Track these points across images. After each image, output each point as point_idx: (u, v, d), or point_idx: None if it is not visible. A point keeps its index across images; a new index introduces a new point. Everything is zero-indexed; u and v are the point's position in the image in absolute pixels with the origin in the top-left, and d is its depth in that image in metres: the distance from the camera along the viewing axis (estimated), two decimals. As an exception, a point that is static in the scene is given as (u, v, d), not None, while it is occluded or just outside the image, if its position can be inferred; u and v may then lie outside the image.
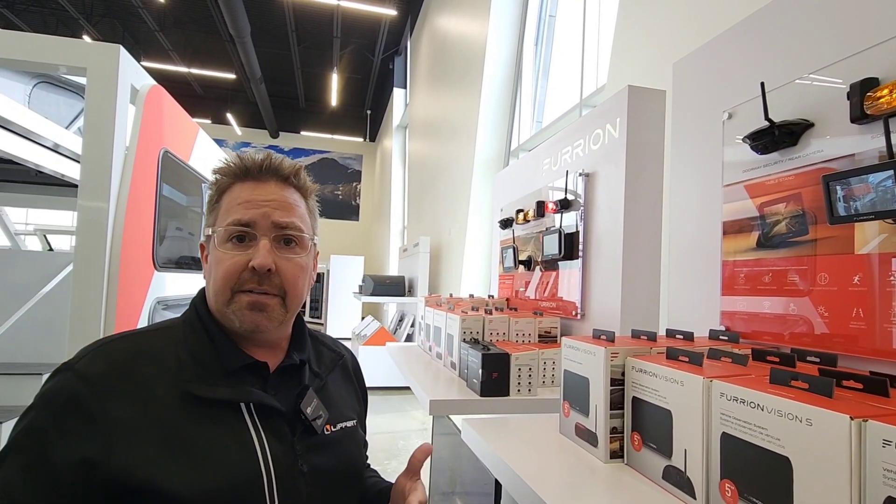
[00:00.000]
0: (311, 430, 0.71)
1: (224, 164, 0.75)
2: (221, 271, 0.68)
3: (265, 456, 0.64)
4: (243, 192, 0.72)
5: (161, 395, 0.61)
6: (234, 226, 0.69)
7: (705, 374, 0.69)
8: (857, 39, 0.82)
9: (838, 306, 0.82)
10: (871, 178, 0.69)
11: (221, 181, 0.74)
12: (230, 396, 0.65)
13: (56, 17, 10.31)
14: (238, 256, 0.69)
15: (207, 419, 0.62)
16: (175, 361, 0.65)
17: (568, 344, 1.00)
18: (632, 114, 1.44)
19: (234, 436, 0.63)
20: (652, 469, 0.79)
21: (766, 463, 0.57)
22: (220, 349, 0.68)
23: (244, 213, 0.70)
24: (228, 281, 0.68)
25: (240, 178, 0.74)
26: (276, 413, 0.68)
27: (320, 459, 0.71)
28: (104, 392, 0.59)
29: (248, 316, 0.68)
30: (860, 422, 0.48)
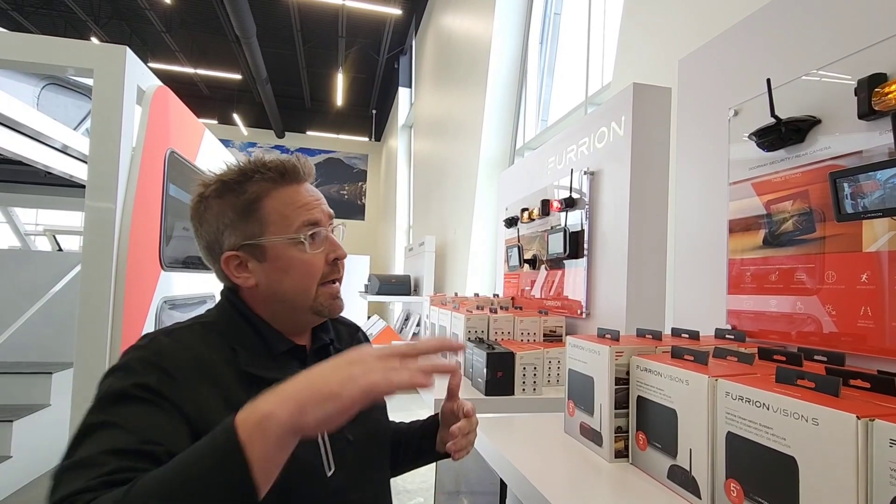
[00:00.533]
0: None
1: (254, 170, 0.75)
2: (306, 271, 0.75)
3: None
4: (297, 196, 0.76)
5: (224, 373, 0.67)
6: (312, 226, 0.75)
7: (711, 373, 0.69)
8: (865, 34, 0.81)
9: (846, 305, 0.81)
10: (880, 175, 0.68)
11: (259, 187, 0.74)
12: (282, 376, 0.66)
13: (65, 20, 10.40)
14: (319, 255, 0.76)
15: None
16: (229, 350, 0.70)
17: (573, 343, 1.00)
18: (637, 111, 1.43)
19: None
20: (657, 469, 0.78)
21: (772, 462, 0.57)
22: (265, 338, 0.74)
23: (312, 214, 0.76)
24: (315, 278, 0.75)
25: (280, 183, 0.76)
26: None
27: (359, 429, 0.77)
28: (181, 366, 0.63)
29: (333, 304, 0.78)
30: (867, 421, 0.48)
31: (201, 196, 0.76)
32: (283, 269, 0.74)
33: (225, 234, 0.74)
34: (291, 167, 0.76)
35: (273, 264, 0.74)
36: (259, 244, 0.74)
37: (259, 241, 0.73)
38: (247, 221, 0.74)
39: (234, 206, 0.74)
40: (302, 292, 0.75)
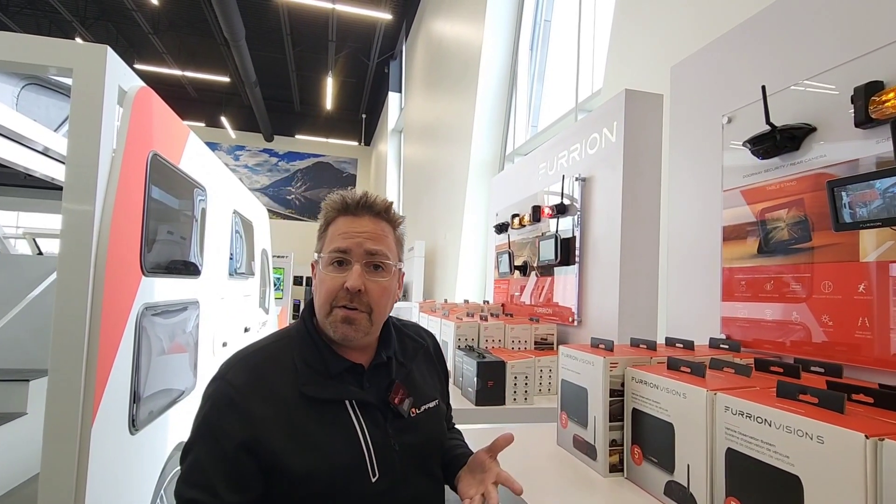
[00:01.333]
0: (399, 415, 0.85)
1: (330, 200, 0.89)
2: (324, 290, 0.83)
3: (365, 440, 0.80)
4: (343, 225, 0.85)
5: (287, 395, 0.78)
6: (334, 252, 0.84)
7: (709, 386, 0.67)
8: (861, 42, 0.81)
9: (843, 315, 0.80)
10: (878, 184, 0.67)
11: (329, 213, 0.87)
12: (336, 396, 0.81)
13: (49, 20, 10.24)
14: (337, 279, 0.83)
15: (321, 414, 0.78)
16: (293, 367, 0.81)
17: (565, 353, 0.97)
18: (629, 118, 1.42)
19: (342, 426, 0.79)
20: (653, 484, 0.76)
21: (775, 481, 0.55)
22: (324, 356, 0.83)
23: (342, 243, 0.84)
24: (329, 298, 0.82)
25: (342, 213, 0.87)
26: (371, 405, 0.83)
27: (408, 438, 0.85)
28: (248, 395, 0.76)
29: (340, 327, 0.82)
30: (876, 441, 0.46)
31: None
32: (317, 284, 0.87)
33: (317, 246, 0.90)
34: (352, 200, 0.87)
35: (317, 279, 0.87)
36: (317, 258, 0.88)
37: (317, 255, 0.88)
38: (320, 237, 0.89)
39: (320, 227, 0.90)
40: (321, 307, 0.84)
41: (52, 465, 1.33)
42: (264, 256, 4.57)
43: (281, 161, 15.58)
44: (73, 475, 1.34)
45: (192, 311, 2.27)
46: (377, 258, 0.86)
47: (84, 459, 1.35)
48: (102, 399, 1.42)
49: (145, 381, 1.73)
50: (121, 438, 1.55)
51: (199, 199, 2.32)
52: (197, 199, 2.31)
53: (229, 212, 3.06)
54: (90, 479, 1.36)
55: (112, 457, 1.50)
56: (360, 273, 0.84)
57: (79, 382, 1.35)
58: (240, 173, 14.92)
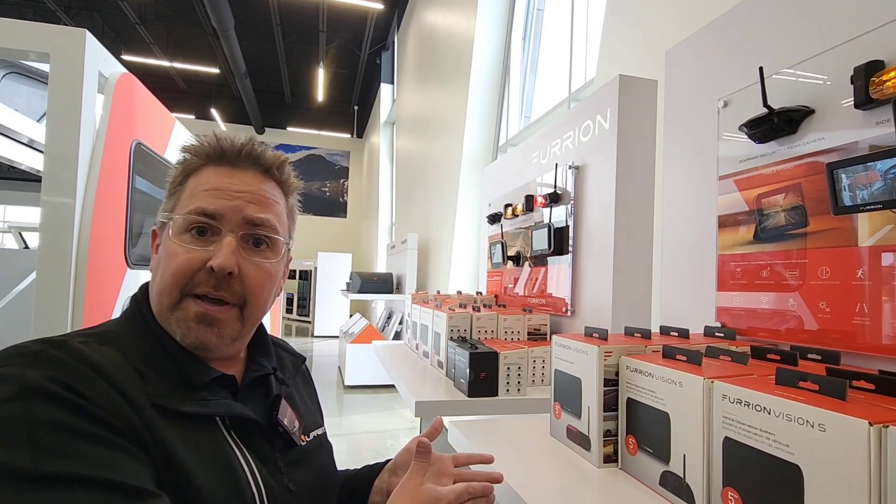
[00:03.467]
0: (289, 443, 0.64)
1: (196, 143, 0.64)
2: (172, 267, 0.57)
3: (254, 477, 0.55)
4: (215, 178, 0.61)
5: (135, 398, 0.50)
6: (196, 215, 0.58)
7: (705, 375, 0.65)
8: (860, 21, 0.78)
9: (841, 301, 0.79)
10: (880, 166, 0.65)
11: (190, 161, 0.62)
12: (208, 409, 0.55)
13: (33, 9, 10.03)
14: (195, 252, 0.58)
15: (185, 436, 0.52)
16: (132, 372, 0.52)
17: (559, 342, 0.95)
18: (623, 104, 1.40)
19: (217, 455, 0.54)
20: (648, 475, 0.74)
21: (774, 471, 0.53)
22: (180, 361, 0.57)
23: (211, 202, 0.59)
24: (179, 280, 0.57)
25: (213, 161, 0.62)
26: (254, 427, 0.59)
27: (303, 474, 0.64)
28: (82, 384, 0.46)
29: (195, 329, 0.57)
30: (880, 428, 0.44)
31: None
32: (161, 258, 0.59)
33: (161, 208, 0.64)
34: (229, 146, 0.63)
35: (162, 251, 0.60)
36: (164, 223, 0.61)
37: (162, 218, 0.61)
38: (171, 195, 0.63)
39: (173, 178, 0.64)
40: (165, 294, 0.58)
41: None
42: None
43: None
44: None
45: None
46: (261, 230, 0.62)
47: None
48: (87, 394, 1.38)
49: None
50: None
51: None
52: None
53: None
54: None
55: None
56: (234, 248, 0.58)
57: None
58: (231, 166, 14.75)
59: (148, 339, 0.57)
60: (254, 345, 0.70)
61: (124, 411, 0.47)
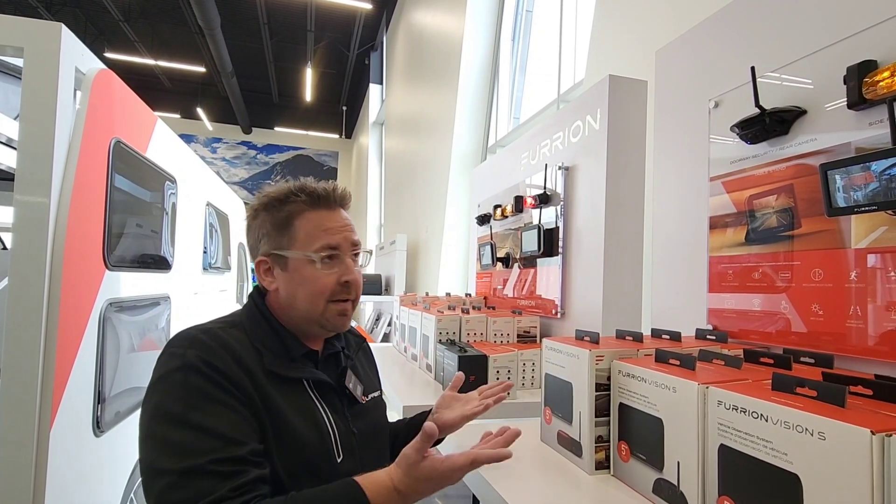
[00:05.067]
0: (354, 401, 0.88)
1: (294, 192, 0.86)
2: (318, 287, 0.83)
3: (329, 421, 0.81)
4: (324, 220, 0.86)
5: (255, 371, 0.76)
6: (329, 249, 0.84)
7: (699, 380, 0.64)
8: (853, 20, 0.78)
9: (834, 304, 0.78)
10: (875, 166, 0.64)
11: (294, 207, 0.85)
12: (299, 374, 0.82)
13: (13, 5, 9.81)
14: (332, 275, 0.84)
15: (286, 394, 0.78)
16: (255, 350, 0.79)
17: (549, 346, 0.94)
18: (613, 104, 1.39)
19: (306, 407, 0.80)
20: (641, 482, 0.73)
21: (772, 480, 0.52)
22: (285, 341, 0.84)
23: (333, 239, 0.85)
24: (324, 295, 0.84)
25: (314, 206, 0.86)
26: (329, 388, 0.85)
27: (363, 423, 0.88)
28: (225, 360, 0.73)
29: (338, 321, 0.86)
30: (882, 436, 0.43)
31: (253, 208, 0.89)
32: (299, 281, 0.84)
33: (262, 242, 0.86)
34: (324, 193, 0.87)
35: (292, 276, 0.84)
36: (283, 255, 0.84)
37: (283, 252, 0.84)
38: (279, 234, 0.85)
39: (273, 220, 0.85)
40: (312, 305, 0.84)
41: (7, 470, 1.25)
42: (241, 250, 4.46)
43: (260, 154, 15.29)
44: (30, 480, 1.26)
45: (164, 306, 2.18)
46: (358, 249, 0.90)
47: (42, 463, 1.27)
48: (62, 399, 1.33)
49: (112, 380, 1.65)
50: (84, 441, 1.47)
51: (168, 190, 2.22)
52: (166, 191, 2.22)
53: (202, 204, 2.96)
54: (49, 483, 1.28)
55: (74, 460, 1.42)
56: (353, 266, 0.87)
57: (35, 382, 1.26)
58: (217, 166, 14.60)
59: (264, 327, 0.84)
60: None
61: (243, 382, 0.73)
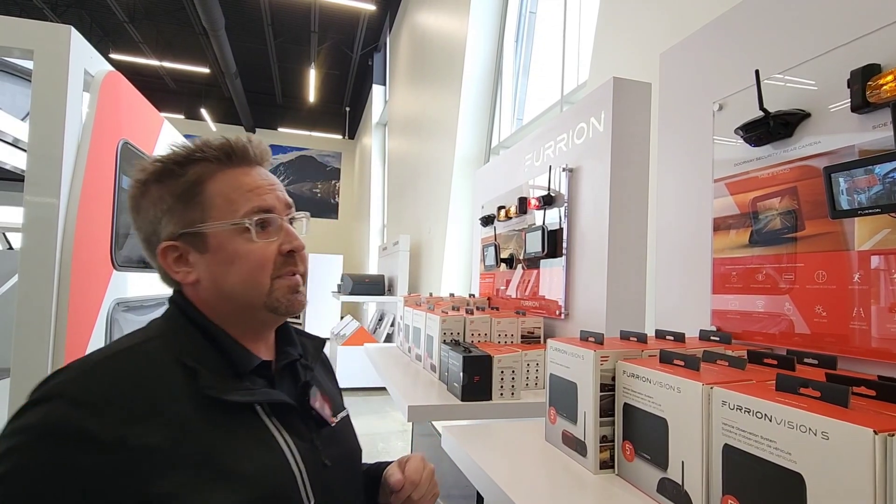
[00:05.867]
0: (322, 423, 0.71)
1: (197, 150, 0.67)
2: (257, 261, 0.66)
3: (294, 457, 0.63)
4: (246, 179, 0.68)
5: (177, 409, 0.56)
6: (261, 212, 0.67)
7: (704, 380, 0.64)
8: (856, 24, 0.78)
9: (837, 305, 0.78)
10: (879, 169, 0.64)
11: (201, 169, 0.66)
12: (252, 398, 0.62)
13: (19, 7, 9.88)
14: (272, 244, 0.68)
15: (231, 427, 0.59)
16: (182, 371, 0.59)
17: (554, 346, 0.94)
18: (617, 107, 1.39)
19: (261, 441, 0.61)
20: (645, 481, 0.73)
21: (776, 479, 0.52)
22: (227, 351, 0.65)
23: (262, 200, 0.68)
24: (266, 270, 0.67)
25: (227, 164, 0.68)
26: (291, 410, 0.66)
27: (336, 451, 0.71)
28: (112, 417, 0.52)
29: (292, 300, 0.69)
30: (885, 436, 0.43)
31: (139, 182, 0.67)
32: (227, 260, 0.65)
33: (163, 223, 0.66)
34: (241, 147, 0.69)
35: (216, 255, 0.66)
36: (199, 232, 0.65)
37: (199, 228, 0.65)
38: (186, 207, 0.65)
39: (174, 190, 0.66)
40: (252, 287, 0.66)
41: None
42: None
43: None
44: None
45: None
46: (293, 211, 0.73)
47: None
48: (71, 399, 1.35)
49: (118, 380, 1.66)
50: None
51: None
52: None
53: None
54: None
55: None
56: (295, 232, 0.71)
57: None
58: (221, 167, 14.60)
59: (194, 335, 0.64)
60: (280, 334, 0.77)
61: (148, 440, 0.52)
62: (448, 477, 2.13)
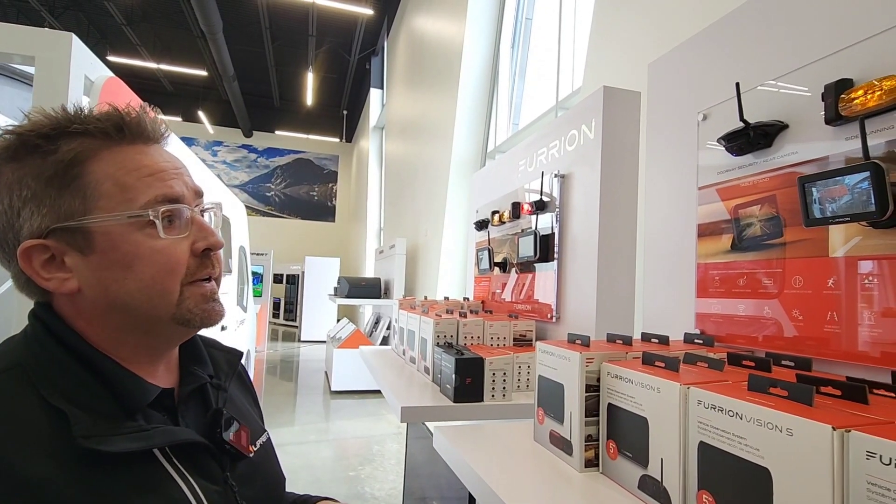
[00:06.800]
0: (238, 456, 0.59)
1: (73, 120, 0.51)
2: (163, 265, 0.53)
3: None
4: (143, 160, 0.53)
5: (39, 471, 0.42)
6: (167, 202, 0.53)
7: (682, 381, 0.67)
8: (831, 40, 0.82)
9: (813, 310, 0.81)
10: (847, 180, 0.68)
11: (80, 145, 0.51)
12: (149, 443, 0.49)
13: (17, 9, 9.88)
14: (181, 241, 0.54)
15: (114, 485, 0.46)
16: (47, 415, 0.45)
17: (542, 349, 0.97)
18: (607, 115, 1.43)
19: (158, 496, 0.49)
20: (628, 478, 0.76)
21: (745, 474, 0.55)
22: (113, 381, 0.51)
23: (168, 187, 0.53)
24: (176, 274, 0.54)
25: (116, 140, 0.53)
26: (200, 449, 0.54)
27: (253, 490, 0.60)
28: None
29: (207, 310, 0.56)
30: (842, 432, 0.46)
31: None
32: (122, 262, 0.51)
33: (23, 215, 0.50)
34: (134, 120, 0.54)
35: (107, 256, 0.51)
36: (82, 227, 0.50)
37: (83, 221, 0.50)
38: (61, 193, 0.50)
39: (40, 171, 0.50)
40: (157, 296, 0.53)
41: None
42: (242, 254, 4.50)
43: (260, 157, 15.34)
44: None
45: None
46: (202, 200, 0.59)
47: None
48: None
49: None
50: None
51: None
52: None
53: (205, 208, 3.00)
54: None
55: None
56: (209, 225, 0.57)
57: None
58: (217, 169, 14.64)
59: (65, 362, 0.50)
60: (185, 350, 0.63)
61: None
62: (441, 479, 2.15)
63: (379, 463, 3.96)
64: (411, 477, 2.64)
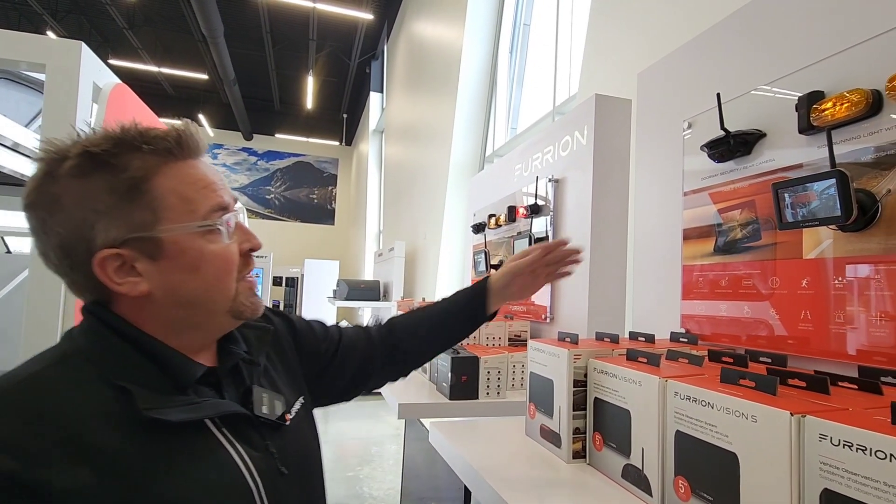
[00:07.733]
0: (275, 426, 0.65)
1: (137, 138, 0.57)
2: (222, 266, 0.61)
3: (250, 471, 0.58)
4: (196, 172, 0.60)
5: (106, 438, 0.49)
6: (222, 211, 0.61)
7: (661, 375, 0.71)
8: (805, 54, 0.87)
9: (788, 309, 0.86)
10: (816, 186, 0.72)
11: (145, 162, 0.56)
12: (203, 413, 0.56)
13: (19, 13, 9.94)
14: (233, 244, 0.62)
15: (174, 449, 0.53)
16: (111, 393, 0.52)
17: (534, 346, 1.02)
18: (599, 122, 1.47)
19: (212, 459, 0.56)
20: (612, 468, 0.80)
21: (716, 459, 0.59)
22: (167, 365, 0.57)
23: (220, 197, 0.61)
24: (232, 273, 0.62)
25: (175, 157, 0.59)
26: (242, 419, 0.61)
27: (292, 455, 0.66)
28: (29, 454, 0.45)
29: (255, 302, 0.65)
30: (799, 417, 0.50)
31: (50, 174, 0.55)
32: (191, 266, 0.58)
33: (98, 228, 0.54)
34: (189, 137, 0.60)
35: (176, 261, 0.58)
36: (153, 237, 0.56)
37: (154, 232, 0.56)
38: (133, 207, 0.55)
39: (111, 186, 0.55)
40: (218, 293, 0.60)
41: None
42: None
43: (260, 160, 15.38)
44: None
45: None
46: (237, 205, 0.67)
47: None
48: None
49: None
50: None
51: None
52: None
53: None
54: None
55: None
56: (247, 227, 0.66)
57: None
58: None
59: (125, 350, 0.56)
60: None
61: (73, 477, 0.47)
62: (440, 479, 2.19)
63: (377, 464, 3.99)
64: (409, 478, 2.67)
